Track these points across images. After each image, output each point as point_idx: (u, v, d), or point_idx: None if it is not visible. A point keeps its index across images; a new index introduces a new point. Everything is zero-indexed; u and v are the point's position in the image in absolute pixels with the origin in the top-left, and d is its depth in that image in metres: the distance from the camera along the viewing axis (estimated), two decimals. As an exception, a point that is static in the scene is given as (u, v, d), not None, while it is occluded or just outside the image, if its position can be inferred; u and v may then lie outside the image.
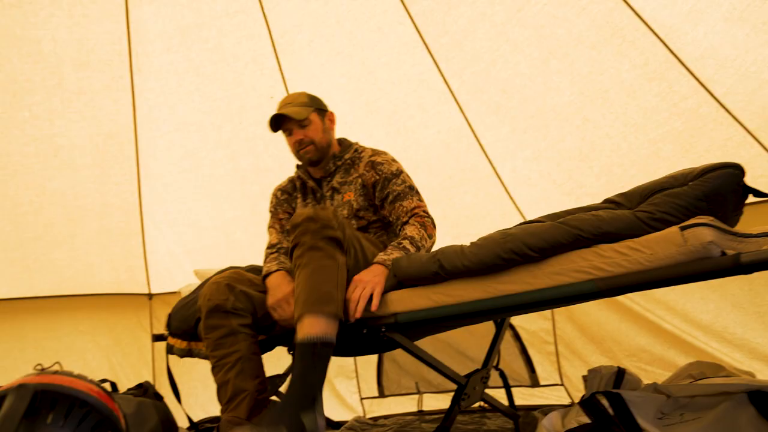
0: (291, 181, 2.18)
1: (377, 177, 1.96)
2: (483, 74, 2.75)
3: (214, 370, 1.75)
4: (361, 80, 2.94)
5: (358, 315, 1.62)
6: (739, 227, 1.40)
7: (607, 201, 1.69)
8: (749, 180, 1.52)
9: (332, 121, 2.10)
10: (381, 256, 1.74)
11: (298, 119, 1.95)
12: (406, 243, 1.78)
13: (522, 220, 2.82)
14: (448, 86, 2.87)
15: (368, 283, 1.65)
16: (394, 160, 2.03)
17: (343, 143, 2.13)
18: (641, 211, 1.45)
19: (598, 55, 2.49)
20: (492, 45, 2.65)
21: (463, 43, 2.71)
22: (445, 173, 3.08)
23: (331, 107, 3.08)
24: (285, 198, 2.15)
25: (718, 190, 1.41)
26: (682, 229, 1.26)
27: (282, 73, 2.98)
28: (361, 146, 2.12)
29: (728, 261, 1.19)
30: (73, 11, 2.52)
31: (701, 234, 1.23)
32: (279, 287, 1.78)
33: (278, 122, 1.98)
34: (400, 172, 1.98)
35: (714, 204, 1.41)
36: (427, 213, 1.93)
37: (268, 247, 2.01)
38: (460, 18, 2.64)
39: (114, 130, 2.87)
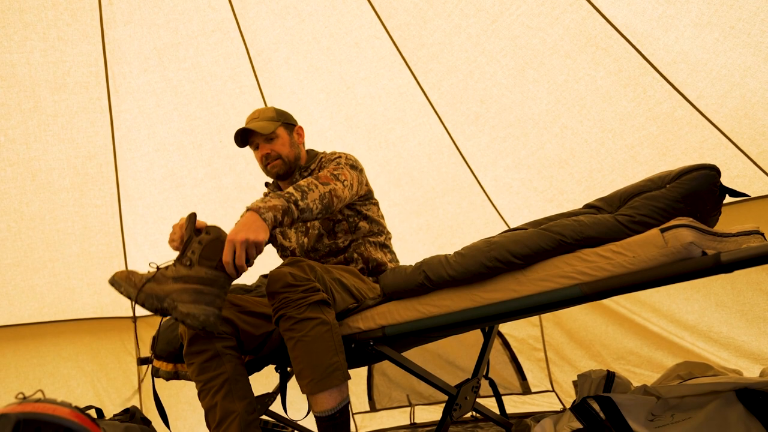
0: (264, 195, 2.17)
1: (321, 168, 1.97)
2: (461, 85, 2.78)
3: (201, 394, 1.73)
4: (340, 95, 2.95)
5: (235, 274, 1.55)
6: (718, 227, 1.43)
7: (587, 206, 1.71)
8: (726, 180, 1.55)
9: (300, 135, 2.09)
10: (256, 202, 1.59)
11: (265, 134, 1.95)
12: (291, 189, 1.66)
13: (505, 228, 2.85)
14: (427, 98, 2.89)
15: (244, 244, 1.51)
16: (341, 155, 1.98)
17: (310, 154, 2.12)
18: (621, 214, 1.47)
19: (573, 64, 2.53)
20: (468, 56, 2.68)
21: (440, 56, 2.74)
22: (428, 184, 3.09)
23: (310, 123, 3.08)
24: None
25: (695, 192, 1.43)
26: (663, 231, 1.28)
27: (261, 91, 2.98)
28: (322, 153, 2.11)
29: (709, 261, 1.20)
30: (48, 34, 2.50)
31: (681, 235, 1.25)
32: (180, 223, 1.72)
33: (245, 137, 1.98)
34: (337, 157, 1.96)
35: (692, 205, 1.43)
36: (338, 172, 1.81)
37: None
38: (436, 31, 2.66)
39: (92, 152, 2.84)
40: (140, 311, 3.36)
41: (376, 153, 3.06)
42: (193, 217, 1.59)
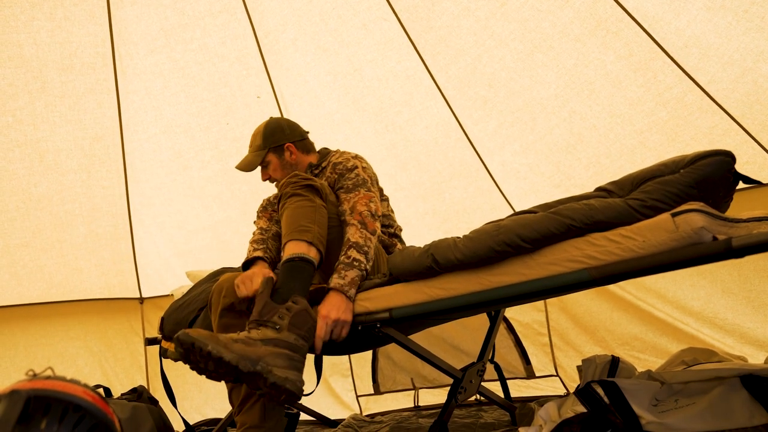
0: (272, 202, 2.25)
1: (335, 175, 1.98)
2: (469, 69, 2.76)
3: None
4: (347, 77, 2.93)
5: (320, 349, 1.63)
6: (729, 213, 1.42)
7: (598, 189, 1.70)
8: (736, 166, 1.53)
9: (293, 152, 2.12)
10: (337, 281, 1.69)
11: (251, 170, 2.10)
12: (353, 254, 1.75)
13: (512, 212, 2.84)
14: (434, 82, 2.87)
15: (337, 324, 1.64)
16: (354, 157, 2.03)
17: (321, 152, 2.17)
18: (633, 198, 1.46)
19: (583, 48, 2.50)
20: (477, 40, 2.66)
21: (448, 39, 2.71)
22: (435, 168, 3.08)
23: (317, 106, 3.07)
24: (276, 201, 2.18)
25: (709, 177, 1.42)
26: (674, 215, 1.27)
27: (268, 72, 2.97)
28: (334, 151, 2.15)
29: (720, 246, 1.20)
30: (55, 14, 2.49)
31: (692, 220, 1.24)
32: (253, 274, 1.74)
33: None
34: (354, 167, 1.97)
35: (705, 191, 1.42)
36: (368, 206, 1.87)
37: (257, 231, 2.08)
38: (444, 14, 2.64)
39: (100, 133, 2.84)
40: (146, 292, 3.38)
41: (383, 136, 3.04)
42: (270, 281, 1.58)
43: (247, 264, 1.86)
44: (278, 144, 2.11)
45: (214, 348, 1.35)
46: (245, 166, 2.10)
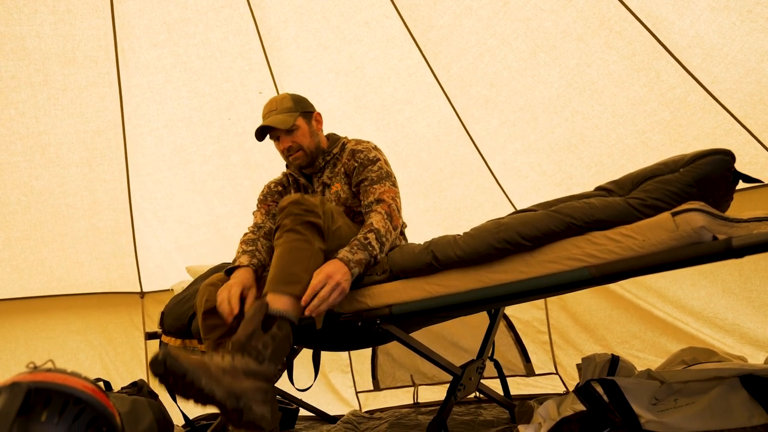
0: (285, 175, 2.19)
1: (356, 164, 1.95)
2: (471, 68, 2.75)
3: None
4: (349, 75, 2.93)
5: (313, 313, 1.54)
6: (729, 213, 1.42)
7: (598, 188, 1.70)
8: (738, 167, 1.53)
9: (319, 121, 2.06)
10: (345, 254, 1.65)
11: (286, 127, 1.92)
12: (371, 238, 1.71)
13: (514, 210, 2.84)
14: (437, 80, 2.87)
15: (335, 283, 1.56)
16: (374, 148, 2.00)
17: (331, 138, 2.11)
18: (633, 198, 1.46)
19: (585, 47, 2.49)
20: (479, 39, 2.65)
21: (450, 38, 2.71)
22: (436, 166, 3.08)
23: (319, 103, 3.06)
24: (278, 190, 2.14)
25: (708, 176, 1.42)
26: (674, 214, 1.27)
27: (270, 68, 2.97)
28: (348, 139, 2.11)
29: (720, 245, 1.20)
30: (58, 7, 2.49)
31: (693, 219, 1.24)
32: (231, 295, 1.68)
33: (264, 131, 1.96)
34: (377, 159, 1.95)
35: (705, 190, 1.42)
36: (395, 201, 1.87)
37: (251, 227, 2.03)
38: (446, 12, 2.63)
39: (101, 127, 2.84)
40: (147, 287, 3.38)
41: (385, 134, 3.04)
42: (262, 308, 1.49)
43: (231, 270, 1.80)
44: (308, 110, 2.03)
45: (207, 384, 1.30)
46: (280, 123, 1.92)
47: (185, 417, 2.26)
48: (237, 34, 2.84)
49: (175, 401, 2.11)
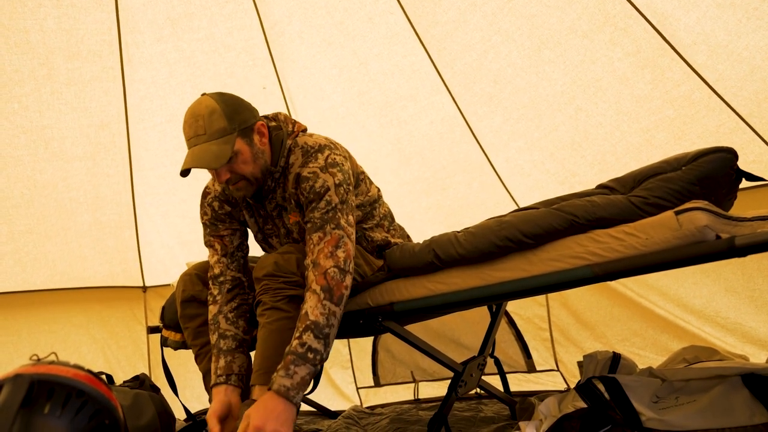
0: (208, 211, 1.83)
1: (302, 198, 1.61)
2: (475, 65, 2.75)
3: (198, 358, 1.76)
4: (352, 71, 2.92)
5: None
6: (733, 211, 1.42)
7: (600, 186, 1.70)
8: (743, 165, 1.53)
9: (263, 134, 1.63)
10: (282, 381, 1.35)
11: (220, 164, 1.50)
12: (308, 340, 1.39)
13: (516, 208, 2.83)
14: (440, 77, 2.86)
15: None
16: (323, 170, 1.59)
17: (274, 142, 1.67)
18: (635, 196, 1.47)
19: (590, 44, 2.49)
20: (483, 35, 2.65)
21: (454, 34, 2.70)
22: (439, 163, 3.08)
23: (322, 99, 3.06)
24: (227, 211, 1.81)
25: (711, 174, 1.42)
26: (677, 213, 1.27)
27: (274, 64, 2.96)
28: (292, 142, 1.69)
29: (723, 244, 1.20)
30: (61, 1, 2.49)
31: (696, 218, 1.24)
32: (210, 415, 1.53)
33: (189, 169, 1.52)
34: (325, 191, 1.56)
35: (707, 188, 1.42)
36: (334, 257, 1.49)
37: (211, 278, 1.78)
38: (451, 8, 2.63)
39: (105, 121, 2.84)
40: (150, 281, 3.39)
41: (388, 130, 3.04)
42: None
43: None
44: (248, 125, 1.57)
45: None
46: (212, 161, 1.48)
47: (187, 411, 2.26)
48: (241, 29, 2.83)
49: (176, 395, 2.12)
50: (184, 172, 1.51)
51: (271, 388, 1.36)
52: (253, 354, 1.61)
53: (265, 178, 1.66)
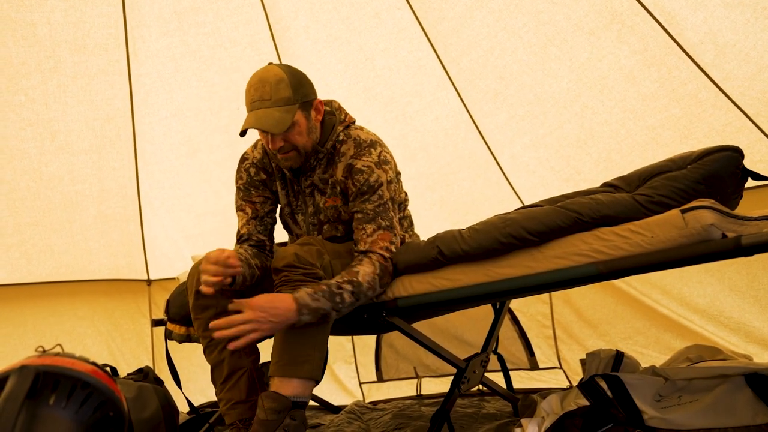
0: (267, 154, 1.85)
1: (352, 188, 1.69)
2: (481, 61, 2.74)
3: (207, 350, 1.74)
4: (358, 66, 2.92)
5: (218, 337, 1.43)
6: (739, 210, 1.41)
7: (605, 185, 1.70)
8: (749, 165, 1.53)
9: (319, 111, 1.72)
10: (304, 296, 1.44)
11: (281, 130, 1.58)
12: (346, 290, 1.49)
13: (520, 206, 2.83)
14: (446, 73, 2.85)
15: (256, 323, 1.40)
16: (377, 165, 1.69)
17: (325, 125, 1.75)
18: (640, 194, 1.46)
19: (597, 41, 2.48)
20: (489, 32, 2.64)
21: (460, 30, 2.70)
22: (444, 159, 3.08)
23: (328, 94, 3.05)
24: (262, 179, 1.86)
25: (716, 173, 1.42)
26: (683, 211, 1.27)
27: (280, 59, 2.96)
28: (344, 132, 1.78)
29: (729, 243, 1.20)
30: (68, -6, 2.50)
31: (702, 216, 1.24)
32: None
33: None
34: (378, 185, 1.67)
35: (712, 187, 1.42)
36: (389, 248, 1.63)
37: (238, 238, 1.84)
38: (457, 4, 2.62)
39: (111, 115, 2.85)
40: (154, 275, 3.41)
41: (393, 126, 3.04)
42: (273, 402, 1.44)
43: None
44: (308, 99, 1.66)
45: None
46: (274, 125, 1.55)
47: (190, 404, 2.27)
48: (247, 23, 2.83)
49: (180, 388, 2.13)
50: (243, 132, 1.61)
51: (294, 295, 1.44)
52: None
53: (310, 155, 1.72)
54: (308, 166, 1.77)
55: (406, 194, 1.99)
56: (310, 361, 1.50)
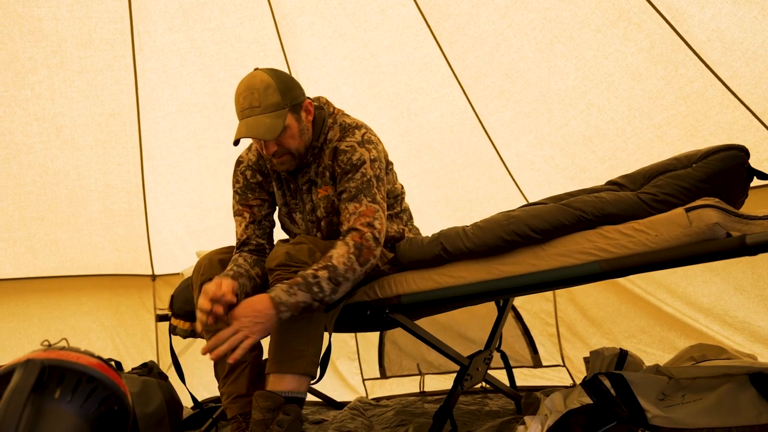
0: (262, 156, 1.82)
1: (338, 170, 1.69)
2: (486, 58, 2.73)
3: None
4: (363, 63, 2.91)
5: (214, 358, 1.45)
6: (744, 210, 1.41)
7: (610, 183, 1.69)
8: (755, 164, 1.52)
9: (309, 111, 1.71)
10: (280, 293, 1.44)
11: (274, 136, 1.58)
12: (322, 278, 1.47)
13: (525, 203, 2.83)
14: (451, 69, 2.85)
15: (244, 329, 1.41)
16: (360, 144, 1.68)
17: (316, 122, 1.75)
18: (644, 192, 1.46)
19: (603, 39, 2.47)
20: (495, 29, 2.63)
21: (466, 27, 2.69)
22: (449, 157, 3.07)
23: (333, 90, 3.05)
24: (258, 181, 1.85)
25: (721, 172, 1.41)
26: (688, 210, 1.26)
27: (285, 55, 2.96)
28: (330, 120, 1.78)
29: (734, 242, 1.19)
30: (75, -11, 2.50)
31: (707, 215, 1.23)
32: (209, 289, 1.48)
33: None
34: (361, 164, 1.65)
35: (717, 186, 1.41)
36: (372, 224, 1.58)
37: (237, 245, 1.83)
38: (463, 1, 2.61)
39: (116, 110, 2.86)
40: (159, 270, 3.42)
41: (398, 123, 3.03)
42: (268, 400, 1.48)
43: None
44: (298, 101, 1.65)
45: None
46: (266, 132, 1.55)
47: (194, 399, 2.28)
48: (252, 19, 2.83)
49: (184, 383, 2.14)
50: (236, 142, 1.60)
51: (268, 294, 1.44)
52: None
53: (305, 156, 1.73)
54: (304, 163, 1.77)
55: (402, 187, 1.98)
56: (304, 357, 1.51)
